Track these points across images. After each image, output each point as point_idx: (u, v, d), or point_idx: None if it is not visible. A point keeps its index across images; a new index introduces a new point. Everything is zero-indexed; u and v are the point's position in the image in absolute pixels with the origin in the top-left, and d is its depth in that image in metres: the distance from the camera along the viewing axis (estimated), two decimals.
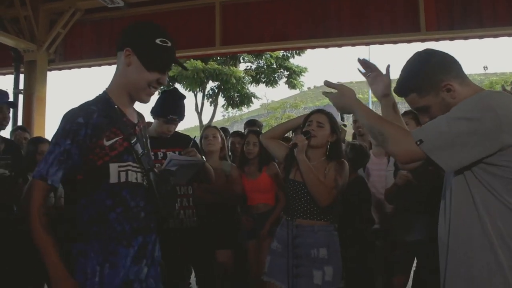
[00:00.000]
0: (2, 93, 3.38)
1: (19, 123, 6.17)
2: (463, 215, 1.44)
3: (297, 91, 24.48)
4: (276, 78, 18.54)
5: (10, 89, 6.39)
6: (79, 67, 7.19)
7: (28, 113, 6.43)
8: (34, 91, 6.47)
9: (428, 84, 1.51)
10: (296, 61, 18.89)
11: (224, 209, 3.32)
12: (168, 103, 2.81)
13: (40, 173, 1.46)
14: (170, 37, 1.65)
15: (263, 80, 18.53)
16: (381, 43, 5.89)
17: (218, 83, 17.69)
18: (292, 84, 18.52)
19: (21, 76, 6.66)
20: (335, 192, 2.40)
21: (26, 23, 6.36)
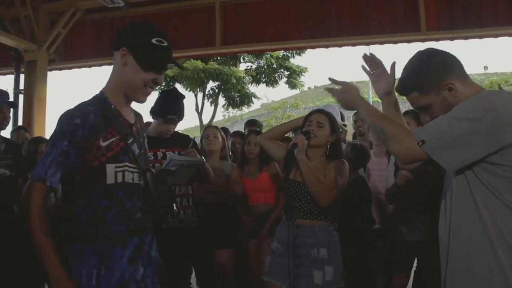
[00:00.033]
0: (2, 93, 3.38)
1: (19, 123, 6.18)
2: (463, 215, 1.44)
3: (297, 91, 24.44)
4: (277, 78, 18.54)
5: (11, 89, 6.40)
6: (79, 67, 7.19)
7: (28, 113, 6.43)
8: (34, 91, 6.47)
9: (430, 82, 1.51)
10: (296, 61, 18.94)
11: (224, 209, 3.32)
12: (168, 103, 2.81)
13: (38, 175, 1.46)
14: (167, 36, 1.64)
15: (264, 80, 18.53)
16: (381, 43, 5.88)
17: (219, 83, 17.70)
18: (292, 84, 18.52)
19: (22, 76, 6.65)
20: (335, 192, 2.39)
21: (27, 23, 6.37)
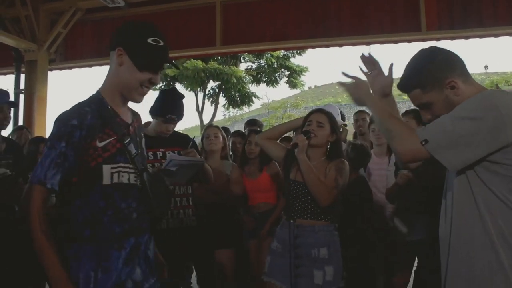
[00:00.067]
0: (3, 92, 3.38)
1: (20, 123, 6.18)
2: (464, 215, 1.44)
3: (297, 91, 24.47)
4: (277, 77, 18.57)
5: (11, 89, 6.41)
6: (80, 67, 7.20)
7: (29, 113, 6.44)
8: (35, 91, 6.48)
9: (433, 80, 1.51)
10: (296, 60, 18.89)
11: (224, 209, 3.32)
12: (167, 103, 2.81)
13: (38, 178, 1.45)
14: (163, 36, 1.63)
15: (264, 79, 18.55)
16: (381, 42, 5.88)
17: (219, 82, 17.72)
18: (292, 83, 18.54)
19: (22, 76, 6.67)
20: (335, 192, 2.39)
21: (27, 23, 6.38)
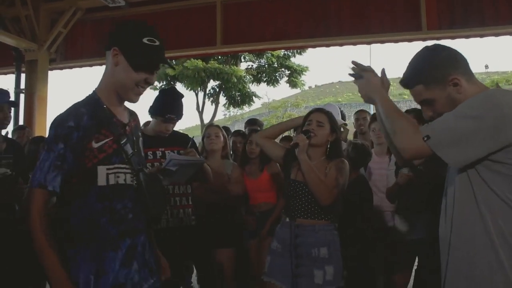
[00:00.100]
0: (3, 92, 3.38)
1: (20, 123, 6.19)
2: (465, 213, 1.44)
3: (298, 90, 24.47)
4: (277, 77, 18.53)
5: (12, 88, 6.42)
6: (80, 67, 7.21)
7: (29, 113, 6.45)
8: (35, 90, 6.49)
9: (436, 76, 1.51)
10: (297, 60, 18.87)
11: (224, 208, 3.32)
12: (166, 102, 2.82)
13: (38, 181, 1.44)
14: (159, 36, 1.61)
15: (264, 79, 18.52)
16: (382, 42, 5.89)
17: (219, 82, 17.70)
18: (293, 83, 18.51)
19: (22, 76, 6.68)
20: (336, 191, 2.39)
21: (27, 22, 6.38)
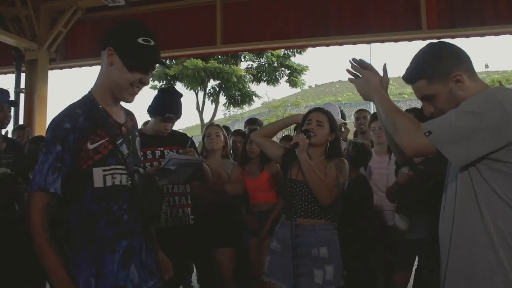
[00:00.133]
0: (3, 92, 3.38)
1: (20, 122, 6.19)
2: (466, 212, 1.44)
3: (298, 90, 24.48)
4: (277, 76, 18.51)
5: (12, 88, 6.42)
6: (80, 66, 7.21)
7: (29, 112, 6.45)
8: (35, 90, 6.49)
9: (439, 71, 1.51)
10: (297, 59, 18.81)
11: (224, 208, 3.32)
12: (165, 102, 2.82)
13: (38, 185, 1.43)
14: (155, 36, 1.61)
15: (264, 78, 18.50)
16: (382, 41, 5.89)
17: (219, 81, 17.70)
18: (293, 82, 18.50)
19: (22, 75, 6.68)
20: (336, 190, 2.40)
21: (27, 22, 6.38)
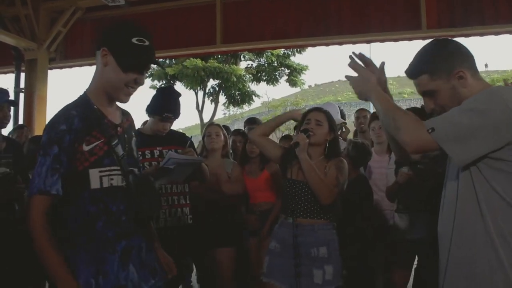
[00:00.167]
0: (2, 91, 3.37)
1: (20, 122, 6.19)
2: (467, 211, 1.44)
3: (298, 89, 24.48)
4: (277, 76, 18.51)
5: (11, 87, 6.42)
6: (80, 66, 7.20)
7: (29, 112, 6.44)
8: (35, 89, 6.49)
9: (442, 67, 1.51)
10: (297, 59, 18.79)
11: (224, 207, 3.32)
12: (163, 101, 2.82)
13: (37, 188, 1.42)
14: (150, 35, 1.59)
15: (264, 78, 18.50)
16: (381, 41, 5.88)
17: (219, 81, 17.70)
18: (293, 82, 18.50)
19: (22, 75, 6.67)
20: (336, 190, 2.40)
21: (27, 21, 6.37)
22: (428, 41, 1.64)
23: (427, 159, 1.94)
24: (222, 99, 18.78)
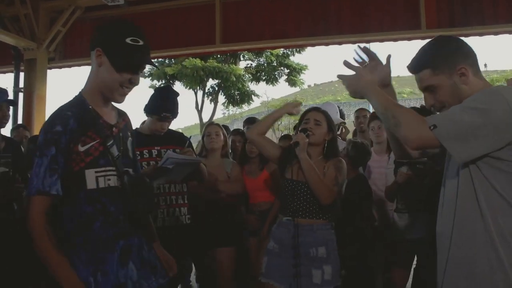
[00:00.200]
0: (1, 91, 3.37)
1: (19, 122, 6.18)
2: (467, 210, 1.43)
3: (297, 89, 24.49)
4: (276, 75, 18.55)
5: (10, 87, 6.41)
6: (79, 65, 7.18)
7: (28, 112, 6.44)
8: (34, 89, 6.48)
9: (445, 62, 1.51)
10: (296, 59, 18.86)
11: (223, 207, 3.32)
12: (162, 101, 2.81)
13: (36, 188, 1.42)
14: (144, 35, 1.59)
15: (263, 78, 18.53)
16: (381, 40, 5.87)
17: (218, 81, 17.70)
18: (292, 81, 18.52)
19: (21, 75, 6.66)
20: (336, 190, 2.40)
21: (26, 21, 6.37)
22: (428, 40, 1.64)
23: (425, 157, 1.94)
24: (222, 98, 18.82)
